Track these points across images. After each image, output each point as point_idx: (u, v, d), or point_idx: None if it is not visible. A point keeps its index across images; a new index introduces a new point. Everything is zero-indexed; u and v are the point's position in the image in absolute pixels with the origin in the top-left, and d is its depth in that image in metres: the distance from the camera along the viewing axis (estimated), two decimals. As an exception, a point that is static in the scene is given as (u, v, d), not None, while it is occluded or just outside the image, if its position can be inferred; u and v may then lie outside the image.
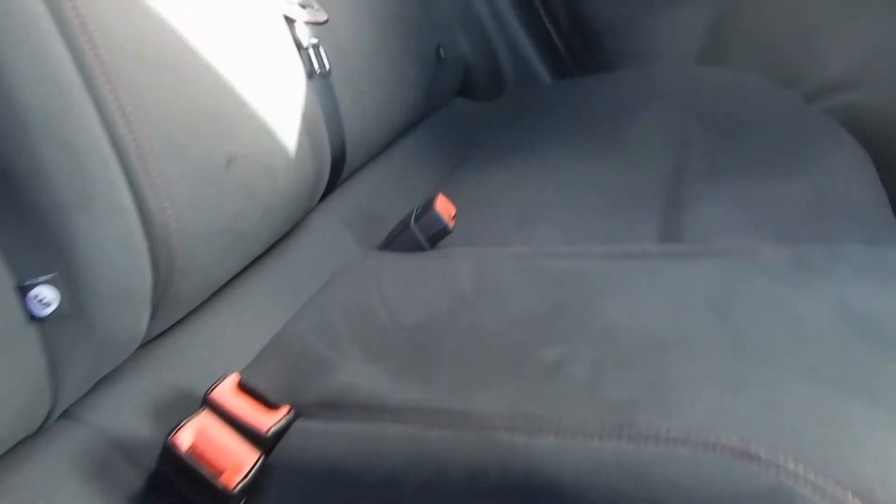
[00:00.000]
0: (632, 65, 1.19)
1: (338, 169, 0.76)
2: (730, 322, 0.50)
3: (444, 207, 0.72)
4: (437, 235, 0.71)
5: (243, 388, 0.48)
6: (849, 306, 0.51)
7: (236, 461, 0.43)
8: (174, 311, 0.51)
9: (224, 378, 0.48)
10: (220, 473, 0.43)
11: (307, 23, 0.71)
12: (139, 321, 0.45)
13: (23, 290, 0.38)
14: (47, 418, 0.43)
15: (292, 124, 0.62)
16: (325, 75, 0.73)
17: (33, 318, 0.39)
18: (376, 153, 0.87)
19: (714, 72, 1.12)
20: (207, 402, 0.47)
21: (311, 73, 0.70)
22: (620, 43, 1.22)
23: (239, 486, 0.42)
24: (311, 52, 0.71)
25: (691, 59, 1.19)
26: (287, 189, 0.61)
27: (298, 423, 0.46)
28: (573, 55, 1.29)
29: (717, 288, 0.54)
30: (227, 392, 0.48)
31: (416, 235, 0.70)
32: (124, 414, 0.47)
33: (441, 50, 1.06)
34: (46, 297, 0.39)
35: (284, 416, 0.46)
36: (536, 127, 1.05)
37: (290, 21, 0.68)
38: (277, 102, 0.60)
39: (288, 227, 0.65)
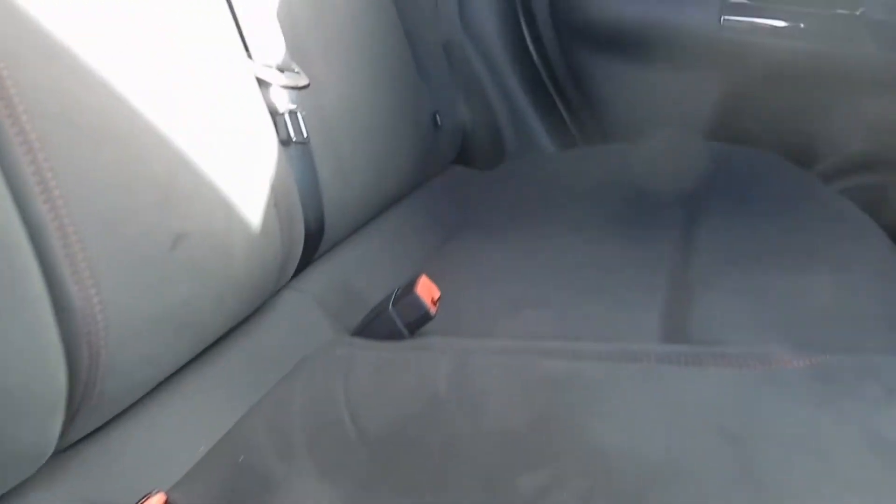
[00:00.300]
0: (639, 137, 1.16)
1: (314, 243, 0.71)
2: (743, 450, 0.44)
3: (426, 290, 0.67)
4: (417, 322, 0.65)
5: (168, 511, 0.42)
6: (881, 436, 0.45)
7: None
8: (97, 415, 0.44)
9: (147, 498, 0.42)
10: None
11: (285, 87, 0.67)
12: (48, 432, 0.39)
13: None
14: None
15: (258, 197, 0.57)
16: (303, 143, 0.69)
17: None
18: (360, 225, 0.82)
19: (725, 147, 1.08)
20: (121, 530, 0.40)
21: (286, 141, 0.66)
22: (627, 114, 1.19)
23: None
24: (287, 118, 0.66)
25: (701, 134, 1.16)
26: (247, 270, 0.55)
27: (227, 560, 0.40)
28: (578, 124, 1.26)
29: (730, 406, 0.48)
30: (147, 516, 0.41)
31: (394, 321, 0.65)
32: (25, 538, 0.40)
33: (438, 116, 1.02)
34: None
35: (212, 549, 0.40)
36: (536, 199, 1.01)
37: (264, 84, 0.64)
38: (242, 173, 0.55)
39: (248, 311, 0.59)
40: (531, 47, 1.24)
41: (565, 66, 1.22)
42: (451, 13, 1.17)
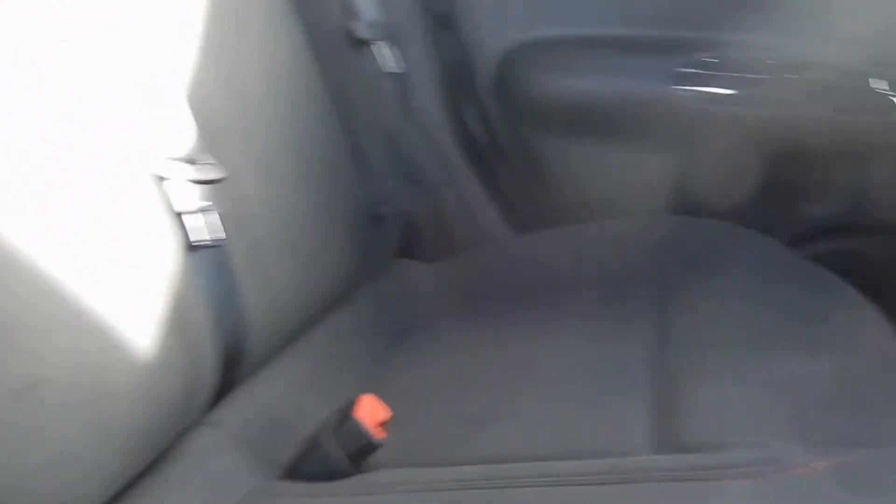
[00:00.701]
0: (598, 217, 1.12)
1: (233, 366, 0.61)
2: None
3: (370, 412, 0.58)
4: (360, 452, 0.56)
5: None
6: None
7: None
8: None
9: None
10: None
11: (195, 181, 0.60)
12: None
13: None
14: None
15: (153, 319, 0.48)
16: (217, 246, 0.61)
17: None
18: (291, 339, 0.74)
19: (691, 221, 1.05)
20: None
21: (193, 246, 0.57)
22: (585, 192, 1.15)
23: None
24: (197, 217, 0.59)
25: (662, 208, 1.12)
26: (135, 415, 0.46)
27: None
28: (533, 207, 1.22)
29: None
30: None
31: (332, 455, 0.55)
32: None
33: (378, 207, 0.97)
34: None
35: None
36: (493, 292, 0.95)
37: (161, 181, 0.56)
38: (131, 291, 0.47)
39: (140, 467, 0.49)
40: (479, 129, 1.21)
41: (516, 146, 1.19)
42: (390, 96, 1.13)
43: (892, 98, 0.96)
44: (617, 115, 1.10)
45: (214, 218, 0.61)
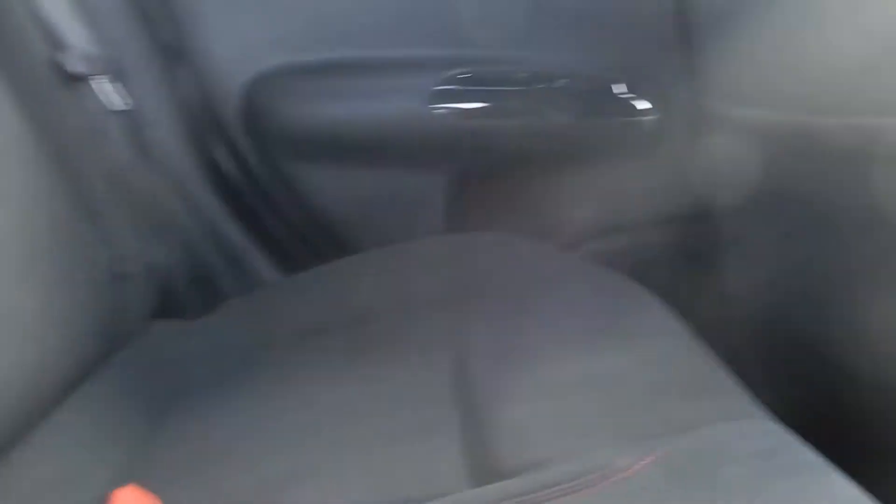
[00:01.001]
0: (374, 245, 1.10)
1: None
2: None
3: (132, 508, 0.48)
4: (121, 565, 0.46)
5: None
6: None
7: None
8: None
9: None
10: None
11: None
12: None
13: None
14: None
15: None
16: None
17: None
18: (18, 438, 0.61)
19: (469, 237, 1.07)
20: None
21: None
22: (358, 222, 1.13)
23: None
24: None
25: (438, 228, 1.13)
26: None
27: None
28: (305, 244, 1.17)
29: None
30: None
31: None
32: None
33: (120, 264, 0.85)
34: None
35: None
36: (269, 340, 0.88)
37: None
38: None
39: None
40: (231, 166, 1.13)
41: (275, 181, 1.13)
42: (119, 137, 1.03)
43: (632, 101, 1.06)
44: (376, 138, 1.10)
45: None
